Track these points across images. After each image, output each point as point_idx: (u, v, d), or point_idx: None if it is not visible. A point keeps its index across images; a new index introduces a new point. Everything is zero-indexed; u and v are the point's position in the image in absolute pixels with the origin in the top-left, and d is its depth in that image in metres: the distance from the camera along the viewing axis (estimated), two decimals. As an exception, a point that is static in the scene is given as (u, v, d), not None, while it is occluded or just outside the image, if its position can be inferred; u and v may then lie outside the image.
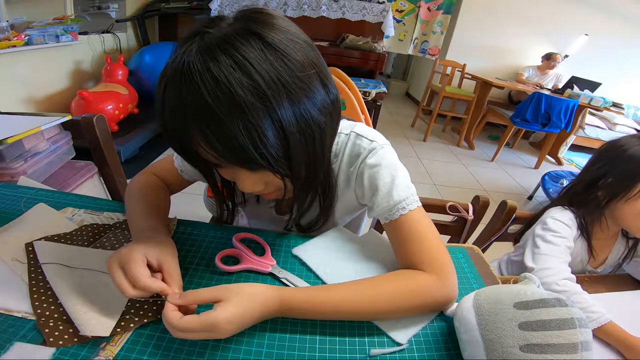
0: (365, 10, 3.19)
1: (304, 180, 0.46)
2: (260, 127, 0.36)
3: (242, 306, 0.38)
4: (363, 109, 1.02)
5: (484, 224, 0.94)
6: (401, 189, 0.52)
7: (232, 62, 0.34)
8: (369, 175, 0.54)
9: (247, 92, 0.34)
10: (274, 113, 0.36)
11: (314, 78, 0.40)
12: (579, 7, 3.94)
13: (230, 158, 0.38)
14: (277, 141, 0.38)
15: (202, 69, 0.34)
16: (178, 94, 0.36)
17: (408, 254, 0.50)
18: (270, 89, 0.35)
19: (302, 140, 0.40)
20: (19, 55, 1.96)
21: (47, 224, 0.54)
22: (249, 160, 0.37)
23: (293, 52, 0.38)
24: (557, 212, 0.83)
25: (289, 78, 0.36)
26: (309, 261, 0.54)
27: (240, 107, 0.34)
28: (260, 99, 0.35)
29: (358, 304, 0.44)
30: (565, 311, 0.38)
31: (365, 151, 0.54)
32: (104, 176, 0.95)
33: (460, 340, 0.43)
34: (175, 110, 0.37)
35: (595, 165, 0.84)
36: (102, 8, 2.78)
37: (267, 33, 0.36)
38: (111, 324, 0.40)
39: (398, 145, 3.34)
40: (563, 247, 0.76)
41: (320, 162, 0.46)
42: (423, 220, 0.52)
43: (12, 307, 0.41)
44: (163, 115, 0.39)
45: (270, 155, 0.38)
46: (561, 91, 3.30)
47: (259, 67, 0.35)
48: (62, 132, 1.04)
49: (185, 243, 0.55)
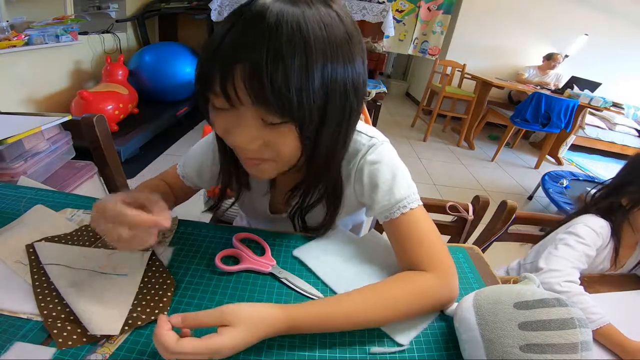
0: (365, 10, 3.19)
1: (320, 162, 0.47)
2: (313, 80, 0.37)
3: (249, 332, 0.36)
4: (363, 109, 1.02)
5: (484, 224, 0.94)
6: (402, 186, 0.51)
7: (312, 15, 0.37)
8: (368, 172, 0.53)
9: (317, 45, 0.37)
10: (327, 67, 0.38)
11: (359, 54, 0.42)
12: (579, 7, 3.95)
13: (270, 96, 0.37)
14: (319, 92, 0.38)
15: (280, 11, 0.36)
16: (245, 29, 0.37)
17: (409, 254, 0.50)
18: (332, 49, 0.38)
19: (338, 105, 0.41)
20: (19, 55, 1.96)
21: (46, 225, 0.54)
22: (290, 108, 0.37)
23: (352, 27, 0.42)
24: (591, 219, 0.82)
25: (344, 44, 0.40)
26: (310, 263, 0.54)
27: (305, 49, 0.36)
28: (322, 50, 0.37)
29: (366, 314, 0.43)
30: (565, 311, 0.38)
31: (365, 147, 0.53)
32: (104, 176, 0.95)
33: (460, 340, 0.43)
34: (235, 41, 0.37)
35: (623, 172, 0.84)
36: (102, 8, 2.78)
37: (335, 6, 0.41)
38: (120, 322, 0.40)
39: (398, 145, 3.32)
40: (581, 253, 0.75)
41: (341, 146, 0.47)
42: (424, 219, 0.51)
43: (17, 308, 0.41)
44: (213, 49, 0.38)
45: (308, 103, 0.38)
46: (561, 91, 3.30)
47: (327, 26, 0.38)
48: (62, 132, 1.04)
49: (185, 243, 0.55)
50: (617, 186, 0.83)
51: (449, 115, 3.79)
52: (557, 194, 2.07)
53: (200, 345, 0.34)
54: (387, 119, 4.20)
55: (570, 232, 0.79)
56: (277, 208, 0.65)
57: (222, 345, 0.34)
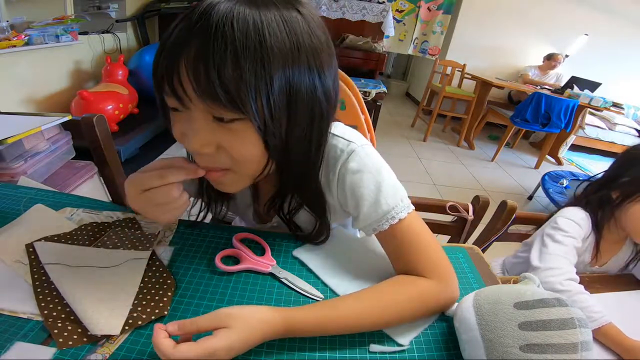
0: (365, 10, 3.20)
1: (293, 169, 0.46)
2: (270, 75, 0.36)
3: (245, 333, 0.36)
4: (363, 109, 1.02)
5: (484, 224, 0.94)
6: (389, 196, 0.48)
7: (270, 14, 0.36)
8: (351, 183, 0.49)
9: (273, 41, 0.36)
10: (288, 71, 0.37)
11: (327, 59, 0.42)
12: (579, 7, 3.95)
13: (215, 87, 0.35)
14: (280, 95, 0.38)
15: (234, 10, 0.35)
16: (191, 24, 0.36)
17: (405, 262, 0.49)
18: (294, 49, 0.37)
19: (304, 108, 0.40)
20: (19, 55, 1.95)
21: (46, 225, 0.54)
22: (239, 100, 0.36)
23: (318, 29, 0.41)
24: (570, 211, 0.82)
25: (310, 48, 0.39)
26: (310, 263, 0.54)
27: (260, 52, 0.35)
28: (281, 53, 0.36)
29: (364, 320, 0.43)
30: (565, 311, 0.38)
31: (344, 154, 0.50)
32: (104, 176, 0.95)
33: (460, 340, 0.43)
34: (180, 37, 0.37)
35: (615, 165, 0.84)
36: (102, 8, 2.77)
37: (300, 7, 0.40)
38: (120, 322, 0.40)
39: (398, 145, 3.35)
40: (571, 247, 0.76)
41: (315, 151, 0.46)
42: (416, 225, 0.49)
43: (17, 308, 0.41)
44: (160, 48, 0.38)
45: (263, 100, 0.37)
46: (561, 91, 3.30)
47: (289, 27, 0.37)
48: (62, 132, 1.04)
49: (185, 243, 0.55)
50: (609, 179, 0.83)
51: (449, 115, 3.79)
52: (557, 194, 2.08)
53: (196, 348, 0.34)
54: (387, 119, 4.20)
55: (554, 227, 0.79)
56: (262, 218, 0.63)
57: (217, 346, 0.34)
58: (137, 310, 0.42)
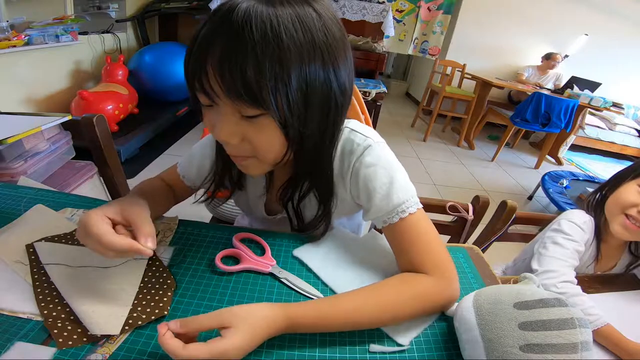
0: (365, 10, 3.20)
1: (307, 159, 0.48)
2: (288, 74, 0.38)
3: (250, 332, 0.37)
4: (363, 109, 1.02)
5: (484, 224, 0.94)
6: (400, 190, 0.50)
7: (287, 13, 0.38)
8: (364, 175, 0.51)
9: (290, 42, 0.38)
10: (305, 68, 0.39)
11: (342, 54, 0.43)
12: (579, 7, 3.95)
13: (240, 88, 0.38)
14: (297, 92, 0.40)
15: (248, 7, 0.37)
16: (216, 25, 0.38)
17: (410, 258, 0.49)
18: (309, 47, 0.39)
19: (320, 102, 0.43)
20: (19, 55, 1.96)
21: (46, 225, 0.54)
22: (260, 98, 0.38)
23: (333, 25, 0.42)
24: (574, 213, 0.82)
25: (324, 45, 0.41)
26: (310, 263, 0.54)
27: (279, 53, 0.37)
28: (298, 52, 0.38)
29: (366, 315, 0.43)
30: (565, 311, 0.38)
31: (360, 148, 0.52)
32: (104, 176, 0.95)
33: (460, 340, 0.43)
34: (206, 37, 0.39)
35: (627, 168, 0.83)
36: (102, 8, 2.77)
37: (315, 3, 0.42)
38: (120, 322, 0.40)
39: (398, 145, 3.35)
40: (571, 250, 0.75)
41: (328, 143, 0.48)
42: (423, 222, 0.50)
43: (17, 308, 0.41)
44: (190, 48, 0.40)
45: (283, 97, 0.39)
46: (561, 91, 3.30)
47: (304, 25, 0.39)
48: (62, 132, 1.04)
49: (185, 243, 0.55)
50: (610, 180, 0.83)
51: (449, 115, 3.79)
52: (557, 194, 2.08)
53: (207, 348, 0.34)
54: (387, 119, 4.20)
55: (556, 229, 0.79)
56: (272, 209, 0.65)
57: (227, 346, 0.35)
58: (137, 310, 0.42)
